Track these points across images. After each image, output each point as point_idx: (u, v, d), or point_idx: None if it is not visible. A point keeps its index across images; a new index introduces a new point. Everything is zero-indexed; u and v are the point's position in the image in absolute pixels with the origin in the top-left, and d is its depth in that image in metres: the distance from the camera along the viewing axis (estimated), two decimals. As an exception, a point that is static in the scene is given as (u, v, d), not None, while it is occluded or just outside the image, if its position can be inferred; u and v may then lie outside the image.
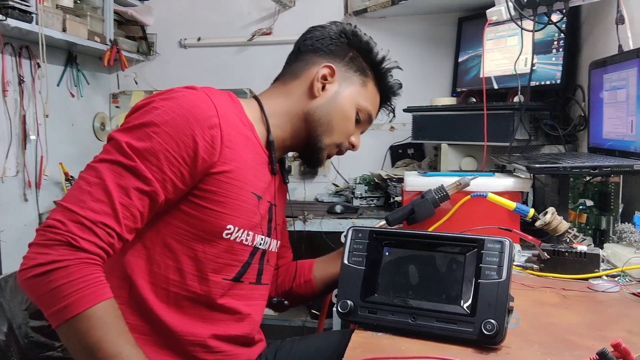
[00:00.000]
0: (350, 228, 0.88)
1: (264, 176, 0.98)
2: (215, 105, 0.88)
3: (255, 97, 1.04)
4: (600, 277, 1.03)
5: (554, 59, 1.88)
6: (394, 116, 1.15)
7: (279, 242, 1.07)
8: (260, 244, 0.98)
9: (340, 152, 1.07)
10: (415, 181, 1.32)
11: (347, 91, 1.03)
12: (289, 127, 1.02)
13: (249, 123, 0.97)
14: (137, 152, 0.81)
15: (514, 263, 1.05)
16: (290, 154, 1.38)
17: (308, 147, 1.04)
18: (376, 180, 2.35)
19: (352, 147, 1.06)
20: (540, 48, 1.87)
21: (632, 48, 1.37)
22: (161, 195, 0.83)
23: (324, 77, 1.01)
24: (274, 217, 1.02)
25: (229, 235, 0.91)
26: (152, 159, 0.81)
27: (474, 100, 2.13)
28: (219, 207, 0.89)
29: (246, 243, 0.94)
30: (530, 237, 1.11)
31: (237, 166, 0.90)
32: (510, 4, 1.49)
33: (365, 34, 1.06)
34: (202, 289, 0.90)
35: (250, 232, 0.94)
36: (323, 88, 1.02)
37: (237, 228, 0.91)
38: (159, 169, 0.82)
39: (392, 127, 2.54)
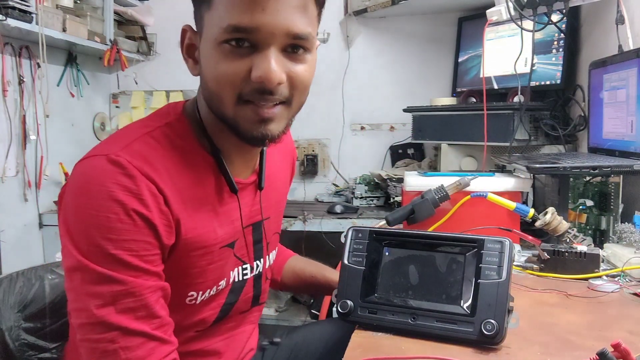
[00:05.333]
0: (350, 228, 0.87)
1: (230, 209, 0.82)
2: (138, 167, 0.69)
3: None
4: (600, 277, 1.03)
5: (554, 59, 1.88)
6: None
7: (275, 250, 0.99)
8: (245, 274, 0.88)
9: (260, 98, 0.71)
10: (415, 181, 1.32)
11: (206, 38, 0.74)
12: (210, 119, 0.79)
13: (193, 147, 0.78)
14: (114, 281, 0.66)
15: (514, 263, 1.04)
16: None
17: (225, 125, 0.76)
18: (376, 181, 2.35)
19: (261, 81, 0.69)
20: (540, 48, 1.87)
21: (632, 48, 1.37)
22: (162, 279, 0.72)
23: (186, 42, 0.83)
24: (265, 233, 0.90)
25: (194, 301, 0.80)
26: (130, 266, 0.67)
27: (474, 100, 2.13)
28: (177, 279, 0.76)
29: (219, 289, 0.83)
30: (530, 237, 1.11)
31: (194, 227, 0.75)
32: (510, 4, 1.49)
33: None
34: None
35: (221, 282, 0.83)
36: (190, 54, 0.82)
37: (200, 292, 0.80)
38: (143, 271, 0.69)
39: (392, 127, 2.54)
